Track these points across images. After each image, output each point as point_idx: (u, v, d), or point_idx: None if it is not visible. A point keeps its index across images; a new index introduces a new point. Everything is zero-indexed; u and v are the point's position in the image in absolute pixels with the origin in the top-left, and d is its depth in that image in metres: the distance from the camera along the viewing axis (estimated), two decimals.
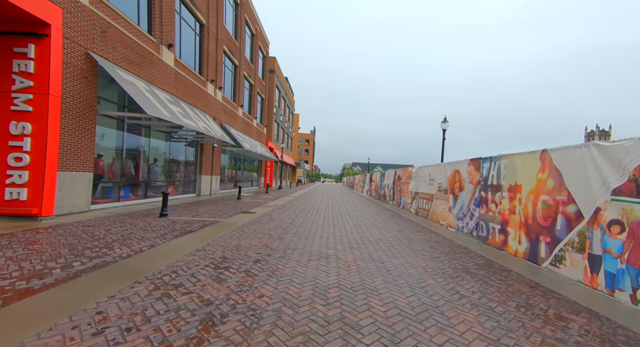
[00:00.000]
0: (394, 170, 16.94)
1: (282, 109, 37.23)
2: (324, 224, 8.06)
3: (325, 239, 6.09)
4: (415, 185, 12.49)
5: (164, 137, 11.63)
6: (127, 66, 8.53)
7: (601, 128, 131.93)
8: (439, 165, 10.09)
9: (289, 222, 8.01)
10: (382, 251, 5.35)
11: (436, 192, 10.02)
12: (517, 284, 3.92)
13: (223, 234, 5.85)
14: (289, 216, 9.31)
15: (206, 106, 14.01)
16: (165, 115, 8.24)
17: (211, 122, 13.41)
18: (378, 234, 7.07)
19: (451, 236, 7.34)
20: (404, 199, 14.13)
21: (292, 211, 10.54)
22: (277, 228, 6.93)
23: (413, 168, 13.05)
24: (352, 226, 8.08)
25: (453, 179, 8.77)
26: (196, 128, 10.17)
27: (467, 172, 7.87)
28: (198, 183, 13.93)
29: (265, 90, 27.55)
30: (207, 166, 14.60)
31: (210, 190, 15.02)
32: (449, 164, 9.19)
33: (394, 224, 8.95)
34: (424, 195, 11.20)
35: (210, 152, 14.97)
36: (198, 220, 7.35)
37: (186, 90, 12.02)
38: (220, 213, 8.88)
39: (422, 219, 10.69)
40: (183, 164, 13.17)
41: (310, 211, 10.87)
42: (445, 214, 9.06)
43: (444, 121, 13.40)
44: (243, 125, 20.41)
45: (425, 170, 11.41)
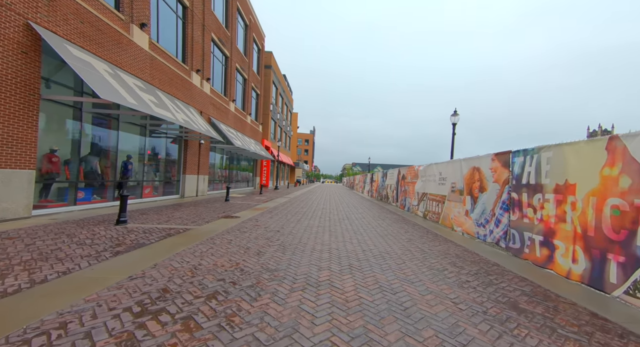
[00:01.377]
0: (397, 169, 15.62)
1: (279, 107, 35.92)
2: (318, 231, 6.73)
3: (318, 253, 4.76)
4: (422, 185, 11.16)
5: (142, 131, 10.31)
6: (83, 43, 7.21)
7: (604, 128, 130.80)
8: (452, 163, 8.76)
9: (277, 229, 6.68)
10: (392, 271, 4.02)
11: (449, 193, 8.70)
12: (601, 333, 2.59)
13: (184, 249, 4.51)
14: (278, 221, 7.98)
15: (190, 98, 12.69)
16: (129, 102, 6.91)
17: (196, 115, 12.10)
18: (384, 244, 5.74)
19: (472, 247, 6.01)
20: (409, 201, 12.81)
21: (284, 215, 9.21)
22: (259, 238, 5.59)
23: (420, 166, 11.73)
24: (351, 233, 6.75)
25: (471, 178, 7.45)
26: (172, 120, 8.85)
27: (490, 170, 6.54)
28: (182, 183, 12.60)
29: (260, 85, 26.24)
30: (193, 165, 13.28)
31: (196, 191, 13.69)
32: (465, 161, 7.87)
33: (400, 230, 7.62)
34: (434, 196, 9.88)
35: (197, 150, 13.65)
36: (163, 228, 6.02)
37: (164, 78, 10.70)
38: (197, 218, 7.55)
39: (432, 223, 9.36)
40: (164, 162, 11.84)
41: (304, 215, 9.54)
42: (461, 218, 7.73)
43: (454, 114, 12.08)
44: (235, 122, 19.09)
45: (435, 168, 10.08)
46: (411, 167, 13.05)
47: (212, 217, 7.83)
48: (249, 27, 21.37)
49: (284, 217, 8.82)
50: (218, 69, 16.33)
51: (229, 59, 17.33)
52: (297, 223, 7.78)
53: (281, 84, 35.99)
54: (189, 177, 12.98)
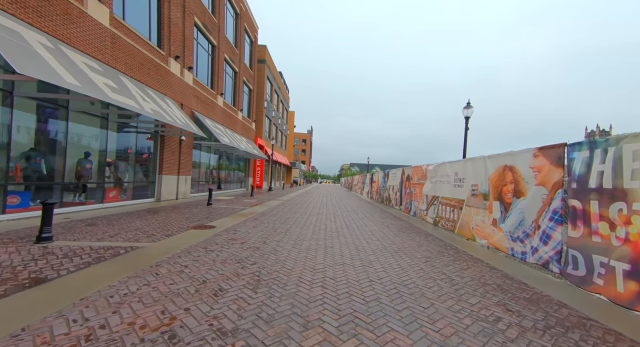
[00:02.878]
0: (401, 169, 14.18)
1: (274, 104, 34.40)
2: (310, 248, 5.24)
3: (307, 289, 3.28)
4: (432, 187, 9.72)
5: (104, 124, 8.75)
6: (15, 11, 5.68)
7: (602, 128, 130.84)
8: (471, 161, 7.32)
9: (257, 245, 5.18)
10: (419, 328, 2.54)
11: (468, 197, 7.26)
12: None
13: (102, 289, 2.99)
14: (263, 231, 6.48)
15: (167, 88, 11.14)
16: (66, 82, 5.38)
17: (173, 107, 10.56)
18: (396, 268, 4.27)
19: (512, 270, 4.55)
20: (415, 204, 11.37)
21: (271, 223, 7.71)
22: (227, 262, 4.09)
23: (429, 165, 10.29)
24: (352, 250, 5.27)
25: (500, 179, 6.00)
26: (135, 109, 7.32)
27: (531, 169, 5.09)
28: (157, 185, 11.05)
29: (253, 80, 24.71)
30: (172, 164, 11.73)
31: (176, 193, 12.14)
32: (491, 158, 6.42)
33: (411, 243, 6.16)
34: (447, 200, 8.44)
35: (177, 147, 12.10)
36: (100, 247, 4.49)
37: (132, 62, 9.16)
38: (159, 230, 6.02)
39: (446, 233, 7.91)
40: (135, 160, 10.28)
41: (295, 223, 8.05)
42: (487, 229, 6.29)
43: (466, 107, 10.65)
44: (224, 117, 17.54)
45: (448, 167, 8.64)
46: (418, 166, 11.61)
47: (180, 228, 6.31)
48: (240, 16, 19.84)
49: (270, 226, 7.32)
50: (203, 59, 14.79)
51: (216, 48, 15.79)
52: (284, 235, 6.28)
53: (276, 80, 34.47)
54: (167, 178, 11.43)
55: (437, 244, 6.35)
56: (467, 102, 10.59)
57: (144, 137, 10.87)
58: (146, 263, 3.81)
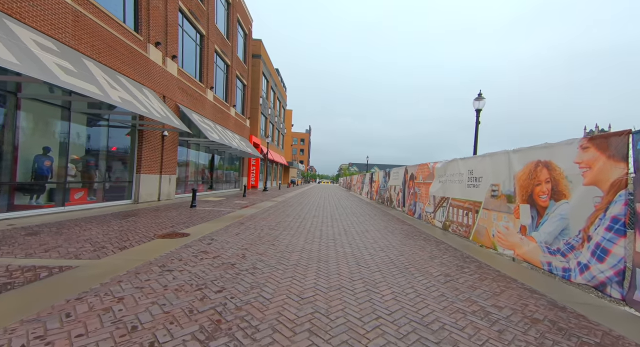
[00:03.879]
0: (403, 168, 13.17)
1: (270, 101, 33.31)
2: (299, 263, 4.19)
3: (286, 343, 2.22)
4: (441, 187, 8.70)
5: (66, 116, 7.66)
6: None
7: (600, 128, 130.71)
8: (491, 156, 6.29)
9: (232, 261, 4.13)
10: None
11: (487, 198, 6.23)
12: None
13: None
14: (245, 240, 5.42)
15: (146, 77, 10.05)
16: None
17: (151, 98, 9.47)
18: (411, 294, 3.23)
19: (558, 295, 3.53)
20: (420, 206, 10.35)
21: (258, 229, 6.66)
22: (184, 289, 3.04)
23: (436, 163, 9.27)
24: (353, 265, 4.23)
25: (530, 177, 4.98)
26: (97, 96, 6.24)
27: (577, 164, 4.07)
28: (135, 185, 9.95)
29: (247, 75, 23.62)
30: (152, 162, 10.64)
31: (158, 194, 11.05)
32: (517, 152, 5.40)
33: (422, 254, 5.12)
34: (460, 202, 7.42)
35: (158, 143, 11.01)
36: (20, 267, 3.42)
37: (100, 45, 8.06)
38: (116, 240, 4.95)
39: (458, 238, 6.89)
40: (108, 158, 9.18)
41: (287, 228, 7.00)
42: (512, 237, 5.26)
43: (478, 98, 9.63)
44: (214, 113, 16.45)
45: (461, 165, 7.61)
46: (423, 164, 10.59)
47: (143, 237, 5.24)
48: (232, 6, 18.74)
49: (256, 232, 6.27)
50: (190, 48, 13.69)
51: (205, 38, 14.70)
52: (271, 245, 5.23)
53: (273, 77, 33.39)
54: (147, 178, 10.34)
55: (453, 254, 5.32)
56: (479, 93, 9.58)
57: (122, 132, 9.79)
58: (65, 294, 2.74)
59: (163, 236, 5.36)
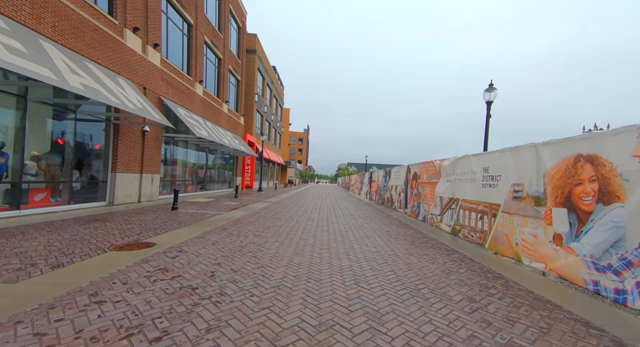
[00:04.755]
0: (405, 167, 12.29)
1: (267, 99, 32.35)
2: (281, 286, 3.28)
3: None
4: (449, 187, 7.81)
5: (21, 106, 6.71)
6: None
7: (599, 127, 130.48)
8: (513, 151, 5.39)
9: (194, 283, 3.21)
10: None
11: (507, 200, 5.34)
12: None
13: None
14: (221, 252, 4.50)
15: (122, 65, 9.08)
16: None
17: (127, 88, 8.51)
18: (431, 334, 2.32)
19: (621, 329, 2.63)
20: (425, 208, 9.47)
21: (241, 237, 5.74)
22: (98, 343, 2.12)
23: (444, 160, 8.39)
24: (351, 287, 3.32)
25: (567, 175, 4.09)
26: (47, 79, 5.28)
27: (636, 158, 3.17)
28: (110, 185, 8.99)
29: (242, 71, 22.66)
30: (131, 160, 9.69)
31: (138, 196, 10.09)
32: (549, 146, 4.51)
33: (434, 267, 4.22)
34: (472, 204, 6.53)
35: (138, 140, 10.05)
36: None
37: (65, 26, 7.11)
38: (57, 253, 4.02)
39: (471, 246, 6.00)
40: (75, 154, 8.21)
41: (275, 235, 6.08)
42: (542, 247, 4.37)
43: (488, 89, 8.75)
44: (204, 108, 15.49)
45: (473, 161, 6.72)
46: (428, 162, 9.70)
47: (96, 249, 4.30)
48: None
49: (238, 241, 5.35)
50: (176, 38, 12.72)
51: (193, 27, 13.73)
52: (252, 257, 4.31)
53: (269, 73, 32.42)
54: (124, 177, 9.38)
55: (470, 267, 4.43)
56: (490, 84, 8.69)
57: (96, 126, 8.83)
58: None
59: (120, 247, 4.42)
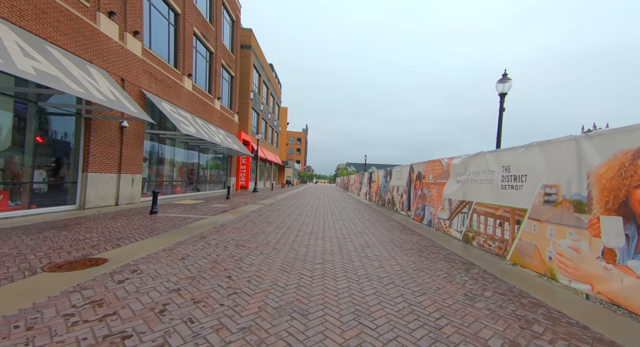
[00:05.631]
0: (408, 166, 11.43)
1: (263, 97, 31.44)
2: (257, 322, 2.39)
3: None
4: (460, 188, 6.96)
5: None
6: None
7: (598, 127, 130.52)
8: (542, 146, 4.53)
9: (131, 327, 2.32)
10: None
11: (536, 205, 4.48)
12: None
13: None
14: (187, 272, 3.62)
15: (93, 52, 8.14)
16: None
17: (98, 78, 7.59)
18: None
19: None
20: (431, 211, 8.61)
21: (219, 248, 4.84)
22: None
23: (453, 158, 7.53)
24: (351, 322, 2.44)
25: (621, 174, 3.23)
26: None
27: None
28: (81, 187, 8.07)
29: (236, 66, 21.74)
30: (107, 158, 8.77)
31: (116, 198, 9.17)
32: (594, 139, 3.65)
33: (453, 289, 3.34)
34: (489, 208, 5.67)
35: (116, 136, 9.13)
36: None
37: (25, 7, 6.22)
38: None
39: (489, 258, 5.13)
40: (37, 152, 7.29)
41: (261, 245, 5.19)
42: (586, 264, 3.51)
43: (502, 80, 7.90)
44: (193, 104, 14.57)
45: (490, 159, 5.86)
46: (434, 161, 8.84)
47: (26, 270, 3.41)
48: None
49: (214, 253, 4.46)
50: (161, 26, 11.80)
51: (180, 17, 12.81)
52: (224, 279, 3.43)
53: (265, 70, 31.50)
54: (98, 178, 8.45)
55: (497, 289, 3.56)
56: (503, 74, 7.83)
57: (66, 121, 7.91)
58: None
59: (59, 265, 3.52)
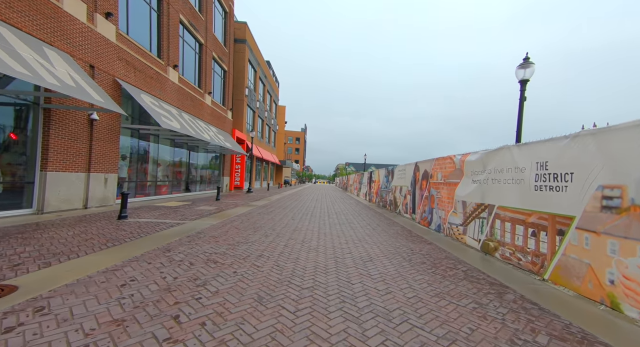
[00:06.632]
0: (412, 164, 10.45)
1: (259, 94, 30.39)
2: None
3: None
4: (477, 189, 5.96)
5: None
6: None
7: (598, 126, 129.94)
8: (595, 136, 3.55)
9: None
10: None
11: (587, 211, 3.48)
12: None
13: None
14: (113, 311, 2.60)
15: (55, 33, 7.09)
16: None
17: (56, 61, 6.55)
18: None
19: None
20: (440, 215, 7.62)
21: (182, 267, 3.83)
22: None
23: (467, 155, 6.53)
24: None
25: None
26: None
27: None
28: (39, 187, 7.03)
29: (229, 60, 20.69)
30: (72, 155, 7.73)
31: (84, 200, 8.13)
32: None
33: (490, 329, 2.31)
34: (517, 213, 4.67)
35: (83, 130, 8.08)
36: None
37: None
38: None
39: (519, 275, 4.10)
40: None
41: (238, 259, 4.17)
42: None
43: (523, 65, 6.89)
44: (180, 98, 13.52)
45: (517, 154, 4.85)
46: (444, 158, 7.85)
47: None
48: None
49: (173, 273, 3.44)
50: (140, 9, 10.72)
51: (163, 2, 11.75)
52: (172, 320, 2.41)
53: (262, 66, 30.45)
54: (60, 177, 7.41)
55: (551, 329, 2.55)
56: (525, 57, 6.83)
57: (21, 111, 6.87)
58: None
59: None
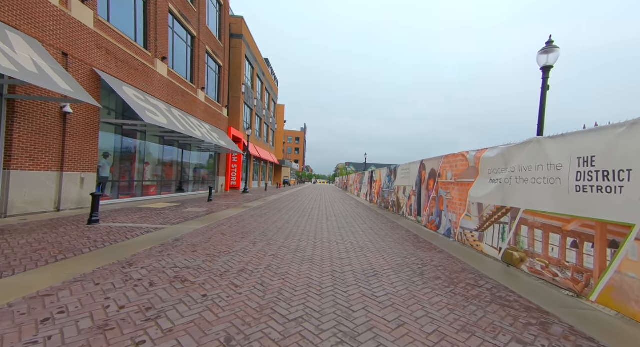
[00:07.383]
0: (418, 163, 9.67)
1: (257, 92, 29.60)
2: None
3: None
4: (497, 189, 5.16)
5: None
6: None
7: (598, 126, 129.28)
8: None
9: None
10: None
11: None
12: None
13: None
14: None
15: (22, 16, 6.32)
16: None
17: (18, 45, 5.77)
18: None
19: None
20: (450, 218, 6.83)
21: (137, 290, 3.04)
22: None
23: (483, 151, 5.74)
24: None
25: None
26: None
27: None
28: (2, 188, 6.24)
29: (224, 56, 19.91)
30: (40, 151, 6.95)
31: (56, 202, 7.35)
32: None
33: None
34: (553, 219, 3.87)
35: (54, 124, 7.30)
36: None
37: None
38: None
39: (554, 292, 3.29)
40: None
41: (214, 276, 3.38)
42: None
43: (546, 50, 6.10)
44: (169, 92, 12.73)
45: (551, 149, 4.05)
46: (453, 155, 7.07)
47: None
48: None
49: (121, 301, 2.66)
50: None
51: None
52: None
53: (260, 63, 29.66)
54: (26, 176, 6.62)
55: None
56: (548, 41, 6.03)
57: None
58: None
59: None
